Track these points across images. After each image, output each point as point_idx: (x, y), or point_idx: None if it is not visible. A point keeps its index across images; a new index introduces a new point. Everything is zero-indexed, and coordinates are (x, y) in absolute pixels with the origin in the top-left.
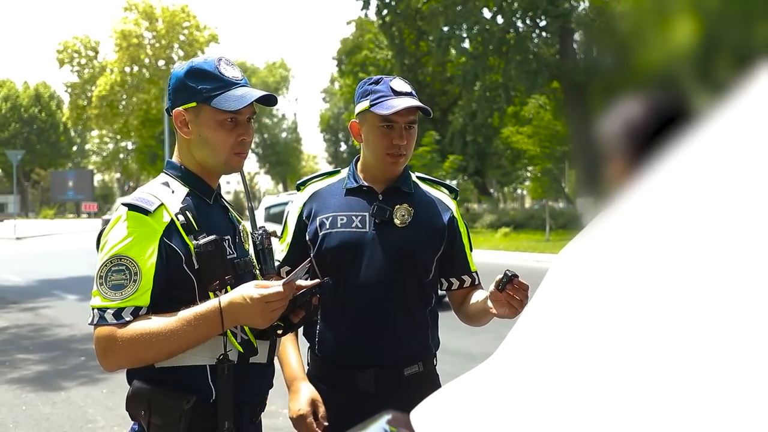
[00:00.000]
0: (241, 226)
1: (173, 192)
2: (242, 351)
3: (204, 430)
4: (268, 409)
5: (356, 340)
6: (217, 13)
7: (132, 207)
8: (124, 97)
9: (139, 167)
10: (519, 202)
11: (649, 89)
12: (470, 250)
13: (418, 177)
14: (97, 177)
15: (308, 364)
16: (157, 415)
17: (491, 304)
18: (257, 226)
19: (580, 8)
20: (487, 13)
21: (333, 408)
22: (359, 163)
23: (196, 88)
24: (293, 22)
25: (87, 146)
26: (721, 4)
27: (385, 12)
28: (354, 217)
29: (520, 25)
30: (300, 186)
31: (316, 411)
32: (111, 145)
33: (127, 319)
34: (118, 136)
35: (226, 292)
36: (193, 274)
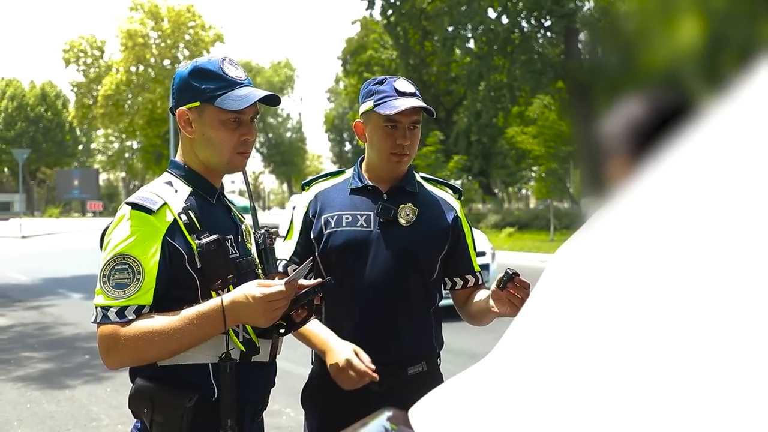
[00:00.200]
0: (243, 226)
1: (176, 191)
2: (244, 350)
3: (206, 428)
4: (271, 409)
5: (360, 338)
6: (223, 13)
7: (135, 206)
8: (130, 96)
9: (145, 166)
10: (523, 202)
11: (654, 89)
12: (474, 249)
13: (422, 177)
14: (103, 176)
15: (312, 362)
16: (159, 412)
17: (493, 303)
18: (259, 226)
19: (585, 8)
20: (491, 13)
21: (336, 407)
22: (364, 163)
23: (199, 88)
24: (298, 22)
25: (92, 145)
26: (726, 4)
27: (390, 12)
28: (359, 216)
29: (524, 25)
30: (305, 186)
31: (359, 356)
32: (116, 145)
33: (130, 317)
34: (124, 136)
35: (229, 292)
36: (195, 274)
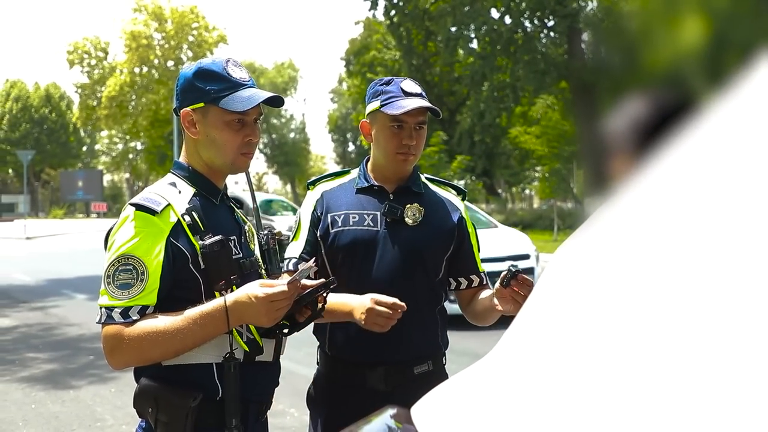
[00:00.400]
0: (246, 227)
1: (180, 192)
2: (248, 350)
3: (210, 427)
4: (275, 409)
5: (366, 338)
6: (226, 14)
7: (139, 207)
8: (134, 97)
9: (148, 167)
10: (527, 203)
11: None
12: (478, 250)
13: (427, 178)
14: (107, 177)
15: (318, 363)
16: (164, 412)
17: (497, 301)
18: (262, 227)
19: (588, 8)
20: (495, 14)
21: (342, 406)
22: (369, 163)
23: (204, 89)
24: (302, 23)
25: (96, 146)
26: (729, 3)
27: (393, 12)
28: (366, 216)
29: (528, 25)
30: (310, 185)
31: (379, 301)
32: (120, 146)
33: (134, 318)
34: (128, 137)
35: (232, 292)
36: (199, 274)
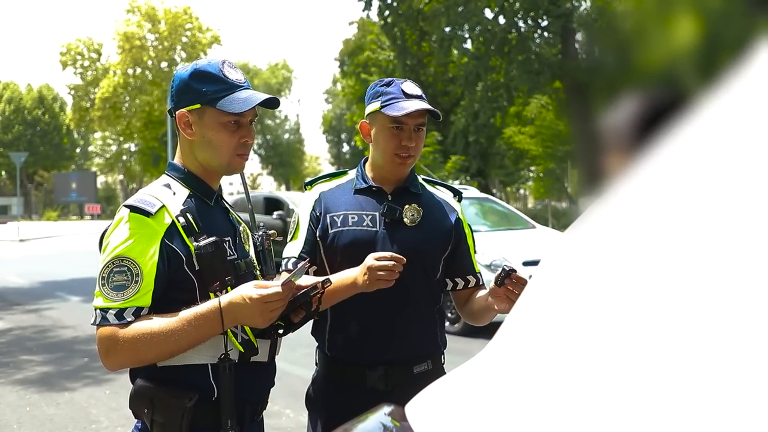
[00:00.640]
0: (241, 228)
1: (174, 194)
2: (243, 350)
3: (206, 427)
4: (270, 409)
5: (366, 338)
6: (220, 15)
7: (133, 209)
8: (127, 99)
9: (142, 169)
10: (522, 202)
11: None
12: (474, 251)
13: (424, 179)
14: (100, 179)
15: (317, 363)
16: (159, 412)
17: (492, 300)
18: (257, 227)
19: (582, 8)
20: (488, 14)
21: (342, 407)
22: (367, 164)
23: (200, 90)
24: (295, 24)
25: (90, 148)
26: (722, 3)
27: (386, 13)
28: (365, 216)
29: (521, 25)
30: (307, 185)
31: (376, 259)
32: (114, 147)
33: (129, 319)
34: (121, 138)
35: (227, 293)
36: (193, 275)
